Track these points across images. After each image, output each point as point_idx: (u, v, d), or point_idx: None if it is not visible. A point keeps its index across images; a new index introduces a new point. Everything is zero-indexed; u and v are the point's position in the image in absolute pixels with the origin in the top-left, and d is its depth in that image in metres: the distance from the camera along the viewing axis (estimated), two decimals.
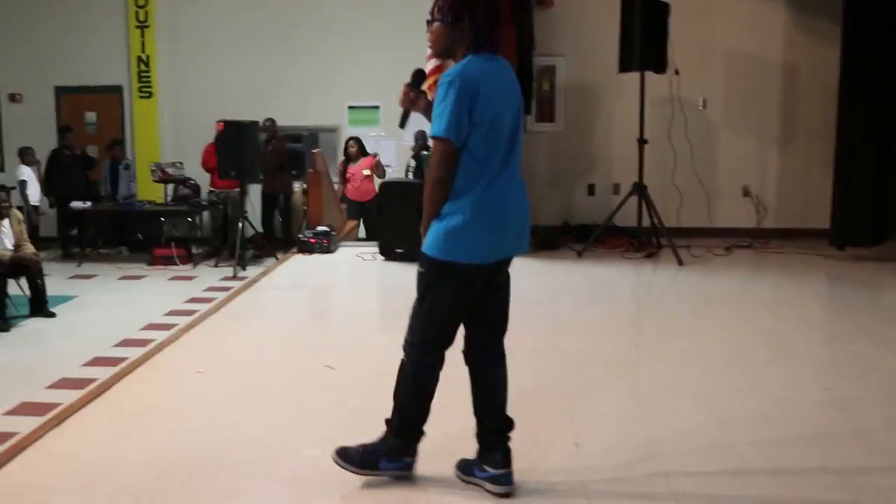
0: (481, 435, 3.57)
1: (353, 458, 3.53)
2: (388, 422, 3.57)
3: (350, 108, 13.63)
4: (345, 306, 7.27)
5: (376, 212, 8.85)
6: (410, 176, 11.06)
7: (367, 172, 10.88)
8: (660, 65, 8.81)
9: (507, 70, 3.47)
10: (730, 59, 10.00)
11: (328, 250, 9.01)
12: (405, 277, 8.08)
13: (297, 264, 8.72)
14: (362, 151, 11.18)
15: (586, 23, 9.92)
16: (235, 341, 5.89)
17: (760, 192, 10.11)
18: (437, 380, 3.52)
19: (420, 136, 11.01)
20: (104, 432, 4.11)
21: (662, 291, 7.95)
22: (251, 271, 10.69)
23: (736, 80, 10.04)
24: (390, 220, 8.67)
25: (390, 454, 3.53)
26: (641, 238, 9.22)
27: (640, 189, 8.99)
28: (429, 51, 8.82)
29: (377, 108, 13.65)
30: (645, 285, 8.35)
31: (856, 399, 4.71)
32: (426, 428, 3.58)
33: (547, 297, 7.36)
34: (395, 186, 8.87)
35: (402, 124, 3.69)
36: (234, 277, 10.50)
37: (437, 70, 8.91)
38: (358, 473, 3.54)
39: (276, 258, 11.43)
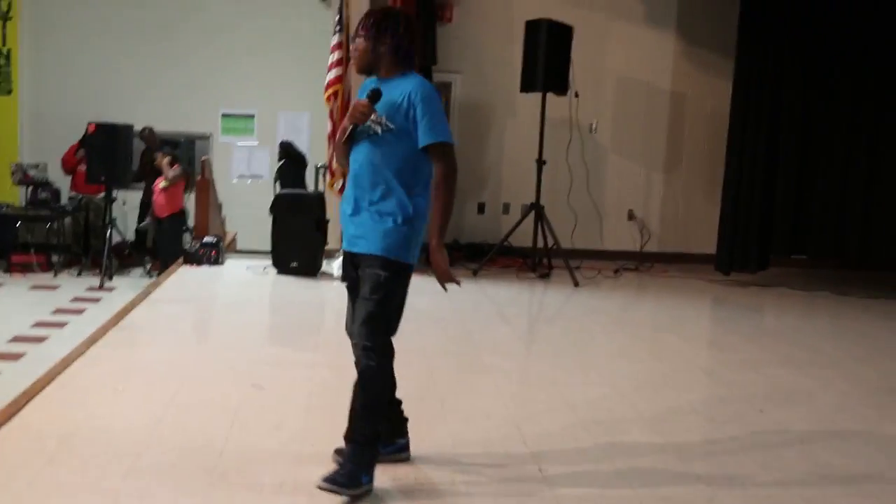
0: (388, 415, 3.73)
1: (342, 482, 3.45)
2: (351, 436, 3.57)
3: (224, 115, 13.21)
4: (251, 322, 6.90)
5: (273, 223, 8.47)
6: (278, 186, 10.78)
7: (163, 184, 10.32)
8: (562, 87, 8.87)
9: None
10: (621, 84, 10.19)
11: (217, 262, 8.58)
12: (305, 292, 7.87)
13: (187, 276, 8.23)
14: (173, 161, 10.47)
15: (484, 41, 9.89)
16: (147, 357, 5.45)
17: (645, 217, 10.30)
18: None
19: (283, 146, 10.86)
20: (32, 459, 3.67)
21: (567, 312, 7.94)
22: (117, 282, 10.15)
23: (626, 106, 10.23)
24: (285, 233, 8.34)
25: (368, 467, 3.50)
26: (535, 258, 9.22)
27: (537, 209, 8.99)
28: (332, 62, 8.63)
29: (252, 116, 13.28)
30: (548, 305, 8.36)
31: (792, 420, 4.80)
32: None
33: (454, 316, 7.23)
34: (289, 198, 8.54)
35: (349, 140, 3.63)
36: (101, 288, 9.95)
37: (338, 80, 8.71)
38: (348, 495, 3.43)
39: (145, 268, 10.95)
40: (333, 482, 3.41)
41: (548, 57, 8.68)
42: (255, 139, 12.90)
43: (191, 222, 11.14)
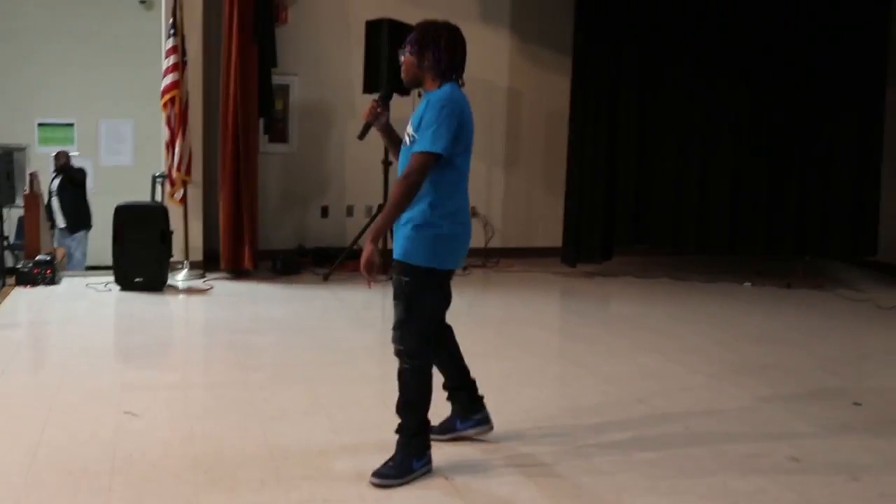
0: (460, 396, 4.20)
1: (390, 474, 3.75)
2: (400, 429, 3.84)
3: (40, 125, 12.50)
4: (105, 344, 6.49)
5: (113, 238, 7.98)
6: (55, 203, 10.36)
7: None
8: (405, 87, 8.78)
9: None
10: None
11: (53, 281, 8.03)
12: (154, 308, 7.48)
13: (21, 298, 7.63)
14: None
15: (320, 42, 9.68)
16: None
17: (488, 214, 10.37)
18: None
19: (57, 159, 10.54)
20: None
21: None
22: None
23: None
24: (127, 247, 7.91)
25: (419, 453, 3.82)
26: (384, 260, 9.11)
27: None
28: (167, 66, 8.26)
29: (71, 125, 12.65)
30: None
31: (671, 407, 4.95)
32: None
33: (315, 324, 7.07)
34: (132, 210, 8.09)
35: (362, 136, 4.08)
36: None
37: (175, 85, 8.33)
38: (402, 484, 3.72)
39: None
40: (382, 476, 3.72)
41: (391, 57, 8.60)
42: (76, 149, 12.25)
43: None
